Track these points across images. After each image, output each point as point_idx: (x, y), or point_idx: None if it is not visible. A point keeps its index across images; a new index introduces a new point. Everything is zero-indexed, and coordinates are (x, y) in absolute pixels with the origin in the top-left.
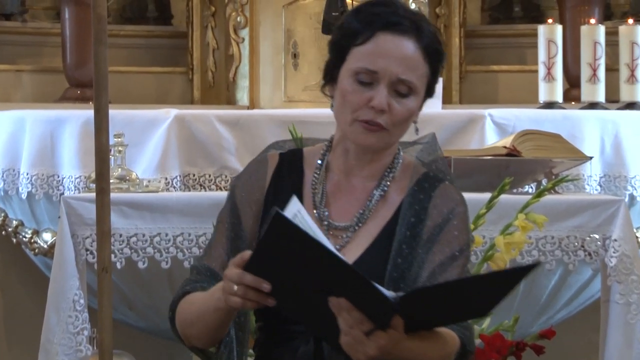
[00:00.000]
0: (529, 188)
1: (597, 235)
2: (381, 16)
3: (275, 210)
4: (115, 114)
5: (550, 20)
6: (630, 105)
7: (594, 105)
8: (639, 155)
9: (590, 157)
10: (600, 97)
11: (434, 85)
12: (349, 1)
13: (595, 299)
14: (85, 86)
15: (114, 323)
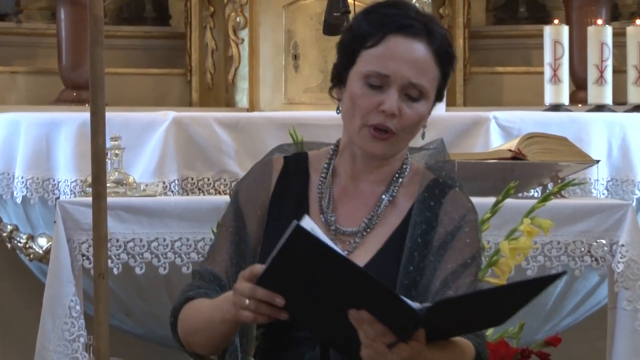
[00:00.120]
0: (535, 192)
1: (604, 241)
2: (392, 18)
3: (296, 224)
4: (112, 116)
5: (557, 21)
6: (638, 108)
7: (600, 107)
8: None
9: (597, 161)
10: (608, 100)
11: (444, 89)
12: (351, 1)
13: (602, 306)
14: (81, 88)
15: (111, 330)
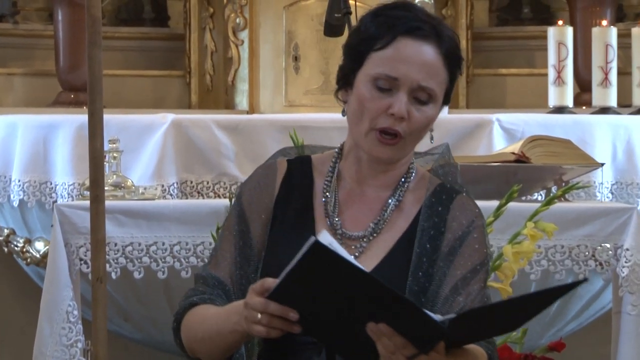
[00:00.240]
0: (538, 195)
1: (609, 245)
2: (401, 20)
3: (314, 239)
4: (110, 118)
5: (561, 22)
6: None
7: (605, 110)
8: None
9: (602, 164)
10: (612, 102)
11: (451, 92)
12: (352, 2)
13: (607, 310)
14: (78, 90)
15: (109, 335)
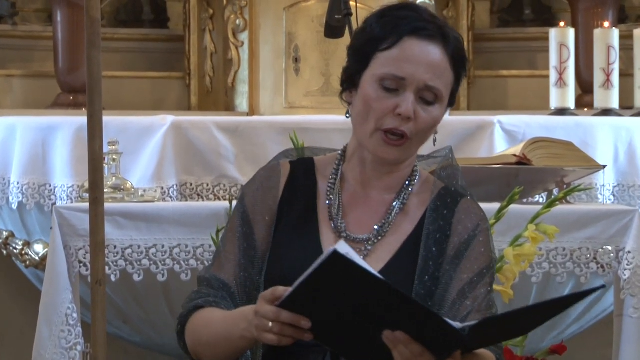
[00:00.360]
0: (540, 198)
1: (610, 247)
2: (407, 21)
3: (333, 249)
4: (109, 120)
5: (562, 24)
6: None
7: (607, 111)
8: None
9: (604, 166)
10: (614, 104)
11: (456, 93)
12: (353, 4)
13: (608, 313)
14: (78, 92)
15: (108, 337)
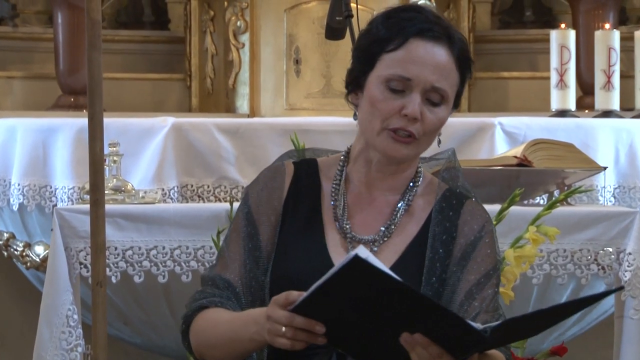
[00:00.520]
0: (541, 199)
1: (611, 249)
2: (413, 22)
3: (354, 254)
4: (110, 122)
5: (563, 25)
6: None
7: (608, 113)
8: None
9: (604, 168)
10: (615, 105)
11: (461, 95)
12: (354, 5)
13: (609, 315)
14: (78, 93)
15: (109, 339)
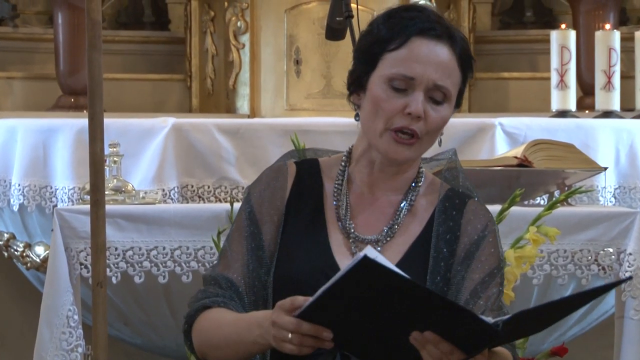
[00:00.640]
0: (541, 200)
1: (612, 249)
2: (415, 21)
3: (363, 255)
4: (110, 122)
5: (563, 26)
6: None
7: (608, 114)
8: None
9: (605, 168)
10: (615, 106)
11: (463, 94)
12: (354, 6)
13: (609, 315)
14: (78, 94)
15: (109, 340)
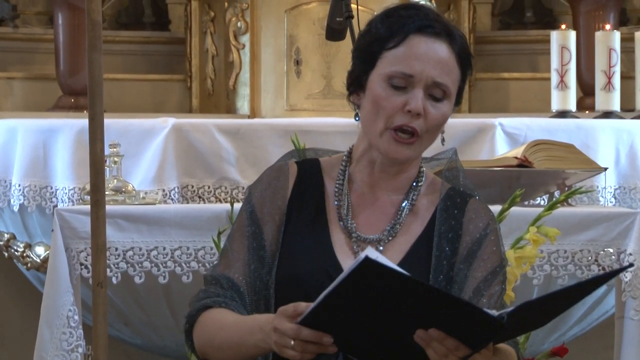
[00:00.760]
0: (541, 200)
1: (612, 249)
2: (413, 19)
3: (364, 255)
4: (111, 123)
5: (564, 26)
6: None
7: (608, 114)
8: None
9: (605, 168)
10: (615, 106)
11: (462, 91)
12: (354, 6)
13: (609, 315)
14: (79, 94)
15: (110, 340)
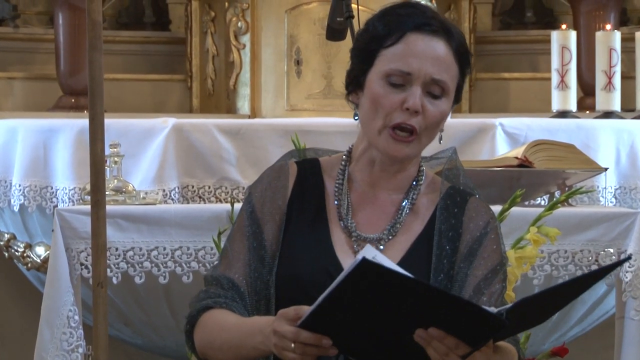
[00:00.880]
0: (542, 200)
1: (612, 250)
2: (410, 17)
3: (361, 257)
4: (111, 123)
5: (564, 26)
6: None
7: (609, 114)
8: None
9: (605, 168)
10: (616, 106)
11: (461, 90)
12: (354, 6)
13: (610, 316)
14: (79, 94)
15: (110, 340)
